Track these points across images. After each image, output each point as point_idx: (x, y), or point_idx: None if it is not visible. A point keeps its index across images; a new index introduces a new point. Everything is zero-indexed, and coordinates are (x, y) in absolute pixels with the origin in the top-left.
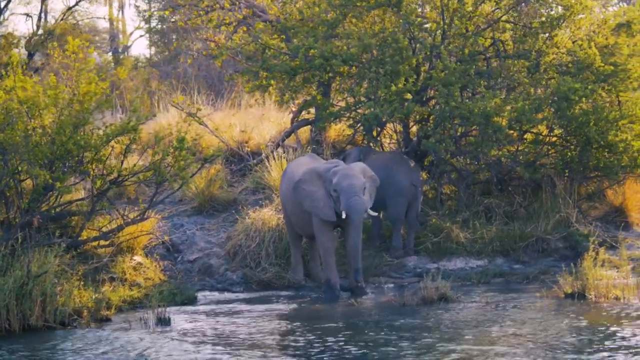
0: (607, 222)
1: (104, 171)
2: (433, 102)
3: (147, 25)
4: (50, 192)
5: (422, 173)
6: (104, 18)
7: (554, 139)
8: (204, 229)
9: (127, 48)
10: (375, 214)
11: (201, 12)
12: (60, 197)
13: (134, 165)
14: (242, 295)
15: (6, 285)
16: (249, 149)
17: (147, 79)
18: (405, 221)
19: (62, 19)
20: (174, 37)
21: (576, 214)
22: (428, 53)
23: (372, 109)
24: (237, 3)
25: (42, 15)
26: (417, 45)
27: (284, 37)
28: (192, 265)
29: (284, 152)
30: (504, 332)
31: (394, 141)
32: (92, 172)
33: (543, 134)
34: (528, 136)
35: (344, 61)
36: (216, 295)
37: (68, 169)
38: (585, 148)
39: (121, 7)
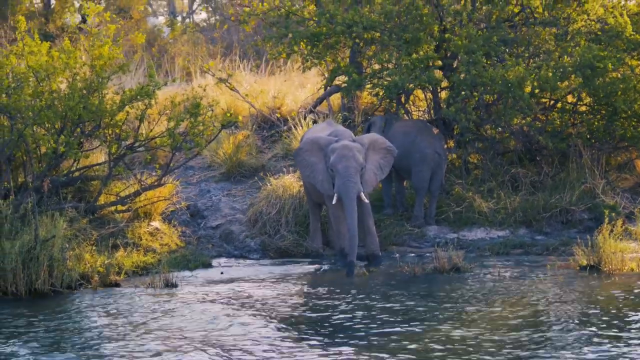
0: (636, 193)
1: (120, 136)
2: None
3: None
4: (64, 157)
5: (449, 141)
6: None
7: (583, 107)
8: (230, 195)
9: (191, 13)
10: (367, 201)
11: None
12: (78, 162)
13: (150, 130)
14: (257, 263)
15: (13, 249)
16: (280, 115)
17: (197, 44)
18: (428, 190)
19: None
20: (224, 1)
21: (603, 184)
22: (454, 21)
23: (394, 77)
24: None
25: None
26: (443, 11)
27: (315, 2)
28: (214, 231)
29: (316, 119)
30: (504, 304)
31: (423, 109)
32: (108, 138)
33: (570, 102)
34: (559, 105)
35: (365, 28)
36: (232, 262)
37: (81, 135)
38: (612, 118)
39: None
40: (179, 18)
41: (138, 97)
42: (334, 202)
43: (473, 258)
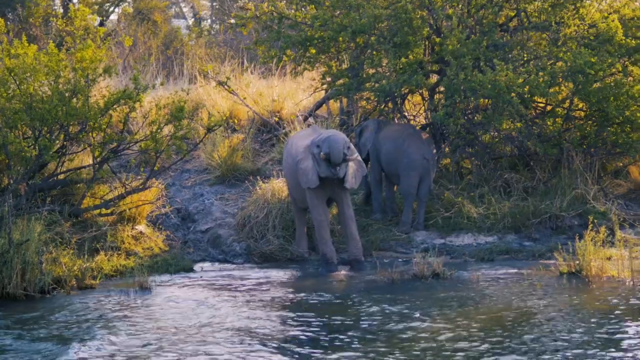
0: (629, 199)
1: (104, 140)
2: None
3: None
4: (43, 160)
5: (444, 146)
6: None
7: (577, 113)
8: (223, 199)
9: (215, 18)
10: (351, 145)
11: None
12: (62, 165)
13: (135, 133)
14: (240, 267)
15: None
16: (279, 119)
17: (211, 47)
18: (417, 195)
19: None
20: (234, 5)
21: (595, 190)
22: (443, 24)
23: (384, 81)
24: None
25: None
26: (434, 16)
27: (313, 6)
28: (203, 235)
29: (315, 122)
30: (473, 310)
31: (420, 113)
32: (92, 141)
33: (564, 107)
34: (559, 110)
35: (355, 32)
36: (215, 266)
37: (65, 138)
38: (603, 124)
39: None
40: (208, 22)
41: (121, 100)
42: (323, 153)
43: (457, 264)
